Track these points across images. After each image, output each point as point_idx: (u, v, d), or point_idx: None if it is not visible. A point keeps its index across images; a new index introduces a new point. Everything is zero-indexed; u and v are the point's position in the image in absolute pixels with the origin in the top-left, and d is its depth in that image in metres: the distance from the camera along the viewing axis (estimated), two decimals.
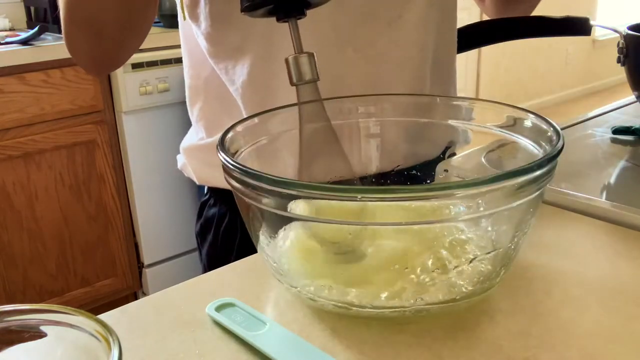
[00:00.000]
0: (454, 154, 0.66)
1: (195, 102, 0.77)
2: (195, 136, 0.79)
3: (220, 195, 0.79)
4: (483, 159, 0.62)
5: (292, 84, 0.50)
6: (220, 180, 0.76)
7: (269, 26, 0.65)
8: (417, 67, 0.71)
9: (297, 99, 0.51)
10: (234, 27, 0.66)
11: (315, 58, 0.50)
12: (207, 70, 0.74)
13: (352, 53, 0.67)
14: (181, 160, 0.82)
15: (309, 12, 0.51)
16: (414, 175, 0.64)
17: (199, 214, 0.82)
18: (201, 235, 0.82)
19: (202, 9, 0.67)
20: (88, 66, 0.71)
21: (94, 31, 0.63)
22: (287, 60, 0.50)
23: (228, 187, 0.73)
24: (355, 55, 0.68)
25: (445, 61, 0.76)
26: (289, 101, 0.68)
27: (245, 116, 0.69)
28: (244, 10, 0.50)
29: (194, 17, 0.68)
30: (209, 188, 0.81)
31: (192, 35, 0.73)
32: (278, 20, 0.50)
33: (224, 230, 0.78)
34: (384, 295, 0.43)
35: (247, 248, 0.56)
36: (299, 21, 0.50)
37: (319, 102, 0.51)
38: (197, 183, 0.80)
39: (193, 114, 0.78)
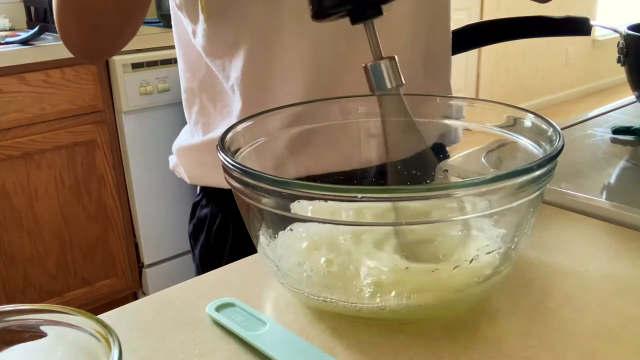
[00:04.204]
0: (448, 156, 0.67)
1: (192, 105, 0.77)
2: (190, 138, 0.79)
3: (212, 196, 0.79)
4: (483, 159, 0.62)
5: (372, 92, 0.46)
6: (212, 180, 0.76)
7: (260, 20, 0.66)
8: (408, 58, 0.71)
9: (380, 108, 0.47)
10: (228, 22, 0.67)
11: (397, 61, 0.45)
12: (201, 72, 0.74)
13: (344, 45, 0.67)
14: (173, 160, 0.82)
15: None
16: (414, 175, 0.64)
17: (192, 215, 0.83)
18: (194, 235, 0.82)
19: (199, 6, 0.67)
20: (83, 55, 0.70)
21: (90, 22, 0.63)
22: (366, 68, 0.46)
23: (220, 186, 0.74)
24: (348, 47, 0.68)
25: (439, 54, 0.77)
26: (285, 94, 0.68)
27: (237, 115, 0.70)
28: (315, 17, 0.45)
29: (191, 14, 0.69)
30: (201, 188, 0.81)
31: (186, 38, 0.73)
32: (353, 23, 0.46)
33: (216, 230, 0.78)
34: (384, 294, 0.43)
35: (240, 248, 0.56)
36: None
37: (400, 100, 0.47)
38: (189, 182, 0.80)
39: (191, 117, 0.78)
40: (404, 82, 0.46)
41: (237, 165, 0.43)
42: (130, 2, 0.62)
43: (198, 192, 0.82)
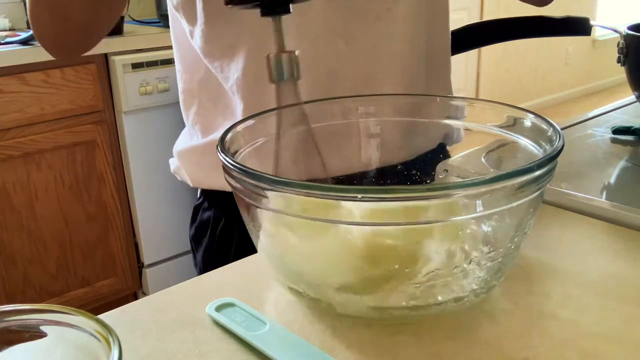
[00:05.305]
0: (449, 156, 0.67)
1: (191, 106, 0.77)
2: (189, 140, 0.79)
3: (214, 198, 0.78)
4: (483, 159, 0.62)
5: (271, 81, 0.51)
6: (214, 182, 0.76)
7: (260, 21, 0.66)
8: (408, 60, 0.71)
9: (276, 98, 0.51)
10: (228, 23, 0.67)
11: (297, 57, 0.50)
12: (200, 73, 0.74)
13: (343, 46, 0.68)
14: (174, 163, 0.82)
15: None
16: (414, 175, 0.64)
17: (193, 218, 0.82)
18: (196, 239, 0.82)
19: (197, 7, 0.67)
20: (54, 50, 0.70)
21: (60, 15, 0.63)
22: (267, 58, 0.50)
23: (222, 188, 0.74)
24: (346, 48, 0.68)
25: (439, 55, 0.77)
26: None
27: (240, 115, 0.70)
28: (227, 3, 0.50)
29: (189, 16, 0.68)
30: (202, 191, 0.81)
31: (183, 39, 0.73)
32: (262, 15, 0.50)
33: (220, 233, 0.78)
34: (384, 295, 0.43)
35: (245, 251, 0.56)
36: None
37: (299, 104, 0.52)
38: (191, 185, 0.79)
39: (189, 118, 0.78)
40: (300, 77, 0.51)
41: (237, 165, 0.43)
42: None
43: (199, 196, 0.82)
